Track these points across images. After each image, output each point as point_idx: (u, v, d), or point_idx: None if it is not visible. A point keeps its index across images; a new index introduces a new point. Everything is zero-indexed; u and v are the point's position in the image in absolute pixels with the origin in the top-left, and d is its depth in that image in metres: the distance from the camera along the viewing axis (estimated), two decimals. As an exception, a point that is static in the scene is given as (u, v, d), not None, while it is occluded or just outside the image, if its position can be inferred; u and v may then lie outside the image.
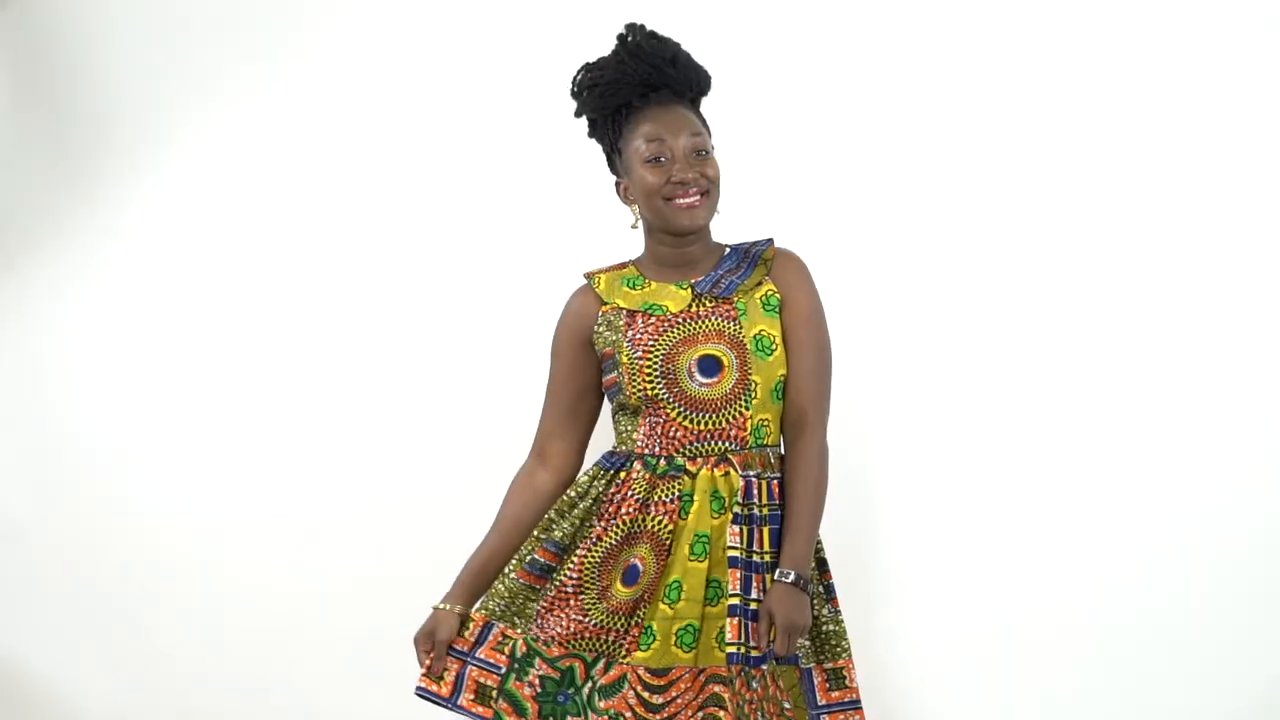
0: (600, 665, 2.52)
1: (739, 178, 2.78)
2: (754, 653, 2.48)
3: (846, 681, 2.58)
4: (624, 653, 2.51)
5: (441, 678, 2.59)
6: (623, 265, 2.72)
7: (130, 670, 3.36)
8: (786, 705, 2.49)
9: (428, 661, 2.58)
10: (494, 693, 2.55)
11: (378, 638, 3.23)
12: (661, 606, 2.50)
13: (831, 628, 2.60)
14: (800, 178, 3.37)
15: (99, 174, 3.47)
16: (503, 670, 2.56)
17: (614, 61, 2.62)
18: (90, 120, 3.50)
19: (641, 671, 2.48)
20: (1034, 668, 3.25)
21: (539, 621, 2.56)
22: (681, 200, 2.59)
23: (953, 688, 3.23)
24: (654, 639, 2.48)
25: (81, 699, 3.34)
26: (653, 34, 2.62)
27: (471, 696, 2.57)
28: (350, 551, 3.36)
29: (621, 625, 2.53)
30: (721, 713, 2.46)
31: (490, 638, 2.59)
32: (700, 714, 2.47)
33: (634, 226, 2.69)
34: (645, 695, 2.47)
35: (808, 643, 2.58)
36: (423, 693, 2.62)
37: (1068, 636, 3.25)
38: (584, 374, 2.69)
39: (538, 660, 2.53)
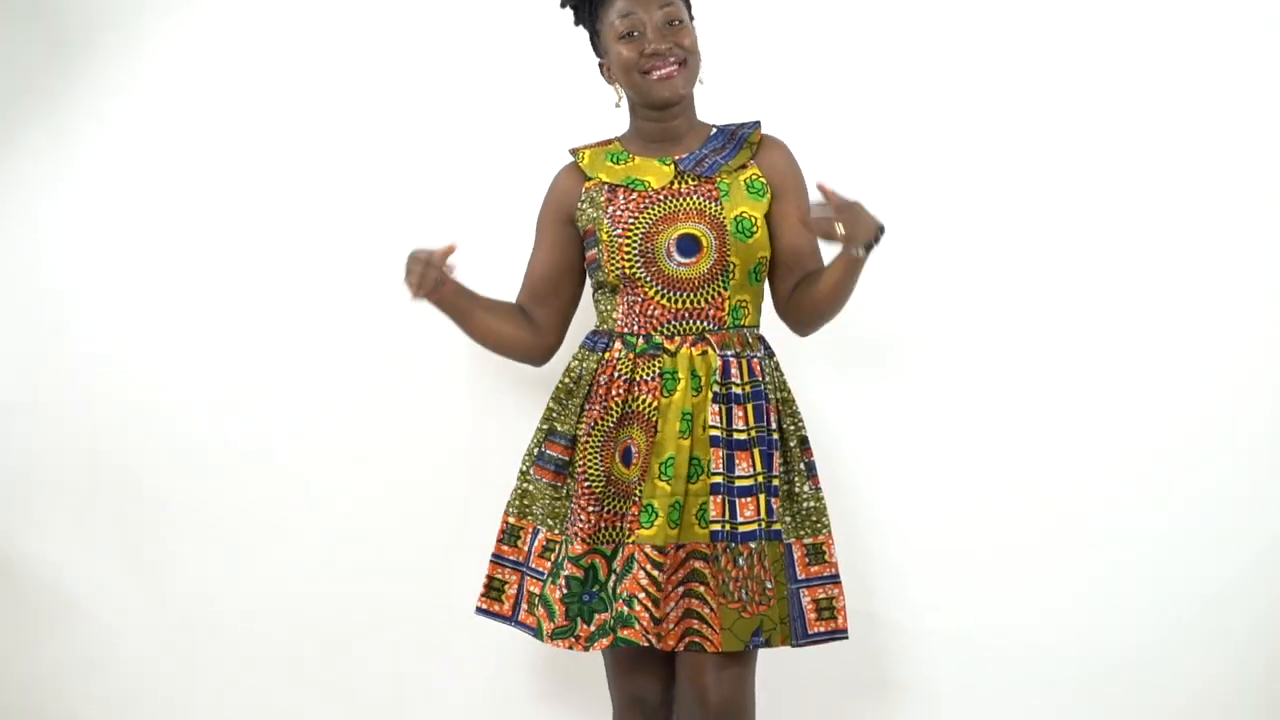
0: (620, 555, 2.55)
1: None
2: (742, 529, 2.52)
3: (826, 556, 2.62)
4: (628, 533, 2.54)
5: (501, 594, 2.64)
6: (607, 141, 2.74)
7: (128, 556, 3.35)
8: (768, 585, 2.53)
9: (417, 276, 2.56)
10: (536, 600, 2.59)
11: (393, 505, 3.30)
12: (660, 484, 2.53)
13: (812, 504, 2.63)
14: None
15: (88, 60, 3.43)
16: (544, 575, 2.59)
17: None
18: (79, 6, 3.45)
19: (649, 549, 2.51)
20: (1017, 549, 3.28)
21: (570, 520, 2.59)
22: (658, 72, 2.60)
23: (934, 566, 3.27)
24: (656, 516, 2.52)
25: (78, 583, 3.34)
26: None
27: (525, 608, 2.62)
28: (359, 422, 3.34)
29: (628, 509, 2.56)
30: (702, 587, 2.50)
31: (537, 544, 2.62)
32: (681, 589, 2.51)
33: (617, 105, 2.70)
34: (654, 574, 2.50)
35: (789, 519, 2.63)
36: (483, 612, 2.66)
37: (1050, 520, 3.27)
38: (566, 252, 2.71)
39: (566, 562, 2.55)
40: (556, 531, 2.60)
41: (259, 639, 3.34)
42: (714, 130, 2.70)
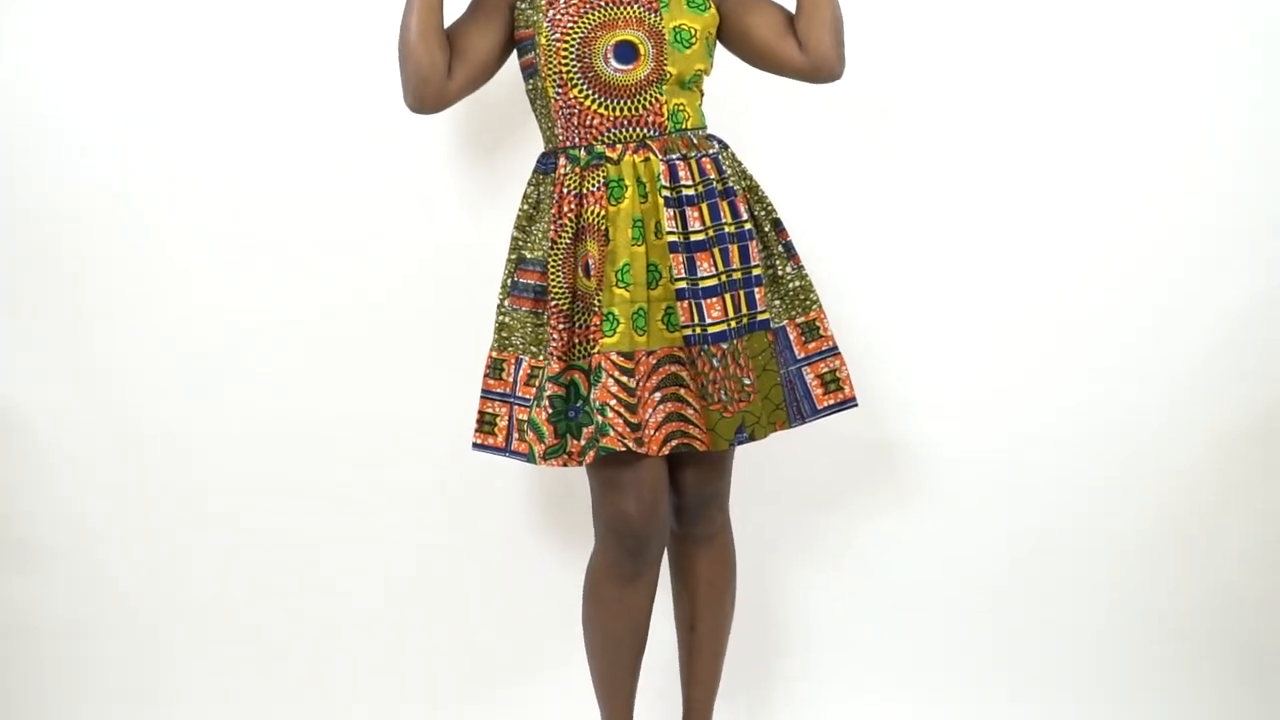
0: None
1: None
2: (712, 330, 2.55)
3: (821, 331, 2.67)
4: (593, 344, 2.56)
5: (494, 427, 2.66)
6: None
7: (74, 372, 3.26)
8: (747, 381, 2.57)
9: None
10: (525, 426, 2.61)
11: (388, 421, 3.29)
12: (618, 291, 2.54)
13: (797, 284, 2.66)
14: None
15: None
16: (531, 401, 2.61)
17: None
18: None
19: (615, 357, 2.53)
20: (1005, 325, 3.31)
21: (549, 345, 2.60)
22: None
23: (920, 342, 3.29)
24: (618, 323, 2.53)
25: (23, 403, 3.27)
26: None
27: (517, 435, 2.64)
28: (359, 333, 3.31)
29: (589, 320, 2.58)
30: (682, 390, 2.54)
31: (522, 373, 2.64)
32: (659, 394, 2.53)
33: None
34: (624, 380, 2.52)
35: (778, 302, 2.65)
36: (480, 447, 2.68)
37: (1045, 303, 3.30)
38: (492, 35, 2.63)
39: (547, 383, 2.57)
40: (540, 358, 2.62)
41: (217, 453, 3.28)
42: None
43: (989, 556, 3.29)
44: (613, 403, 2.51)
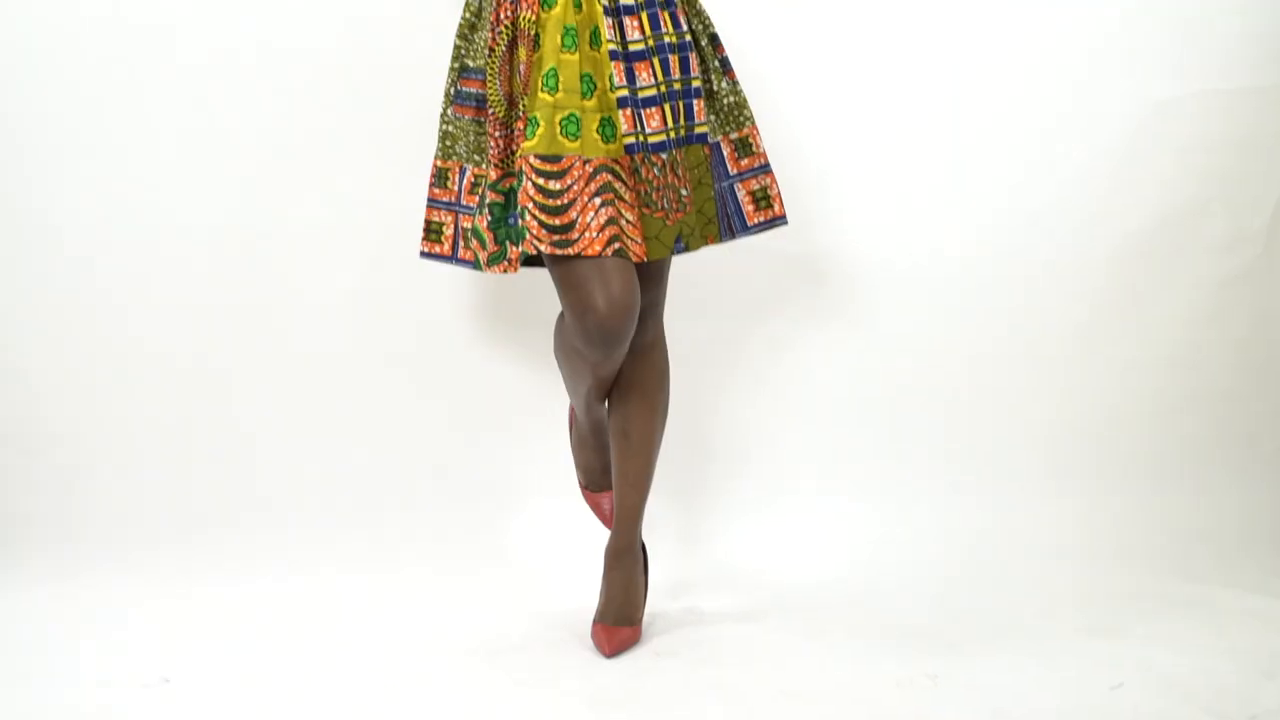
0: None
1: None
2: (652, 139, 2.54)
3: (754, 148, 2.68)
4: (518, 148, 2.56)
5: (440, 235, 2.67)
6: None
7: None
8: (684, 192, 2.59)
9: None
10: (469, 234, 2.63)
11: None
12: (542, 95, 2.53)
13: (732, 99, 2.66)
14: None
15: None
16: (474, 209, 2.63)
17: None
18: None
19: (533, 159, 2.51)
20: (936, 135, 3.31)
21: (488, 153, 2.60)
22: None
23: (854, 161, 3.30)
24: (538, 126, 2.52)
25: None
26: None
27: (462, 244, 2.65)
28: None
29: (522, 126, 2.57)
30: (618, 201, 2.53)
31: (466, 181, 2.65)
32: (599, 199, 2.52)
33: None
34: (541, 182, 2.51)
35: (713, 117, 2.64)
36: (426, 255, 2.70)
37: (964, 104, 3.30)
38: None
39: (487, 190, 2.58)
40: (483, 166, 2.62)
41: (157, 267, 3.23)
42: None
43: (918, 363, 3.34)
44: (530, 205, 2.50)
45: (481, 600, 3.02)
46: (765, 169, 2.68)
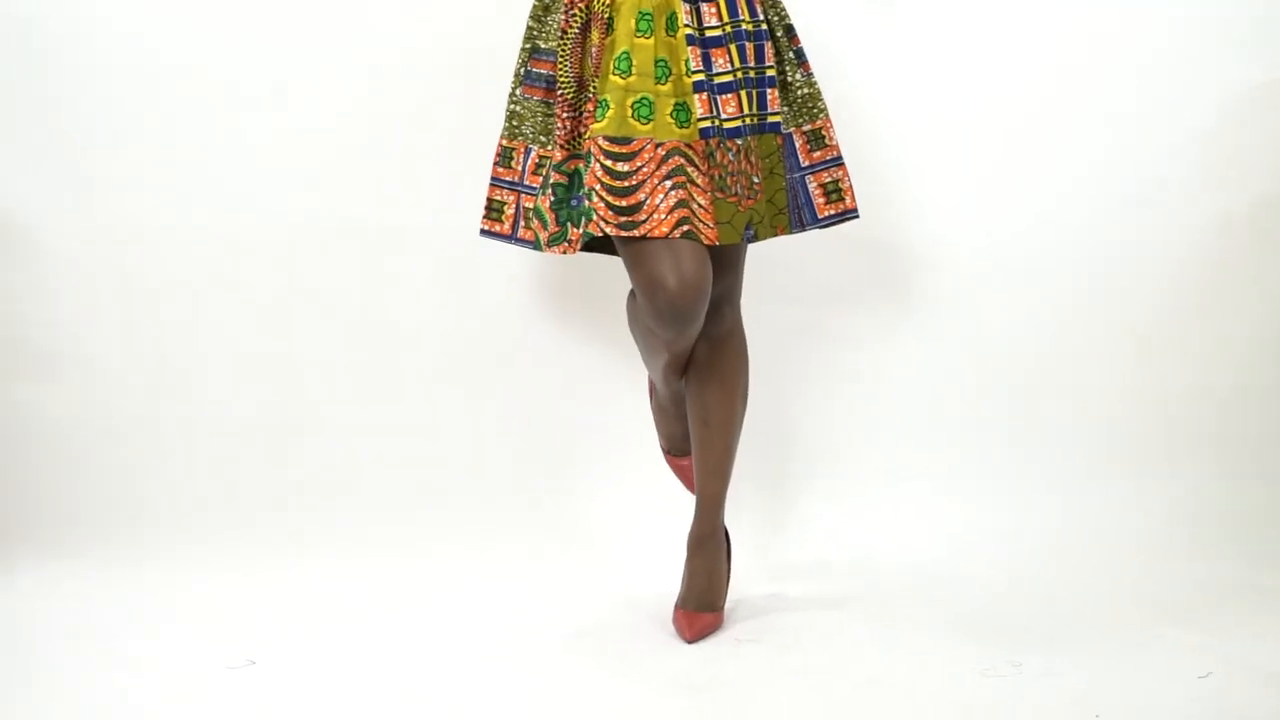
0: None
1: None
2: (727, 125, 2.55)
3: (826, 140, 2.67)
4: (587, 129, 2.57)
5: (501, 214, 2.68)
6: None
7: (73, 179, 3.25)
8: (755, 180, 2.59)
9: None
10: (530, 214, 2.64)
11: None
12: (613, 78, 2.54)
13: (806, 90, 2.66)
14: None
15: None
16: (537, 190, 2.64)
17: None
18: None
19: (602, 141, 2.52)
20: (1012, 142, 3.32)
21: (555, 134, 2.61)
22: None
23: (929, 156, 3.30)
24: (608, 108, 2.53)
25: (22, 209, 3.25)
26: None
27: (523, 223, 2.67)
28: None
29: (591, 108, 2.58)
30: (690, 185, 2.53)
31: (530, 162, 2.66)
32: (669, 182, 2.52)
33: None
34: (610, 164, 2.51)
35: (786, 109, 2.65)
36: (486, 233, 2.71)
37: (1047, 115, 3.30)
38: None
39: (551, 171, 2.59)
40: (549, 147, 2.63)
41: (219, 257, 3.28)
42: None
43: (997, 352, 3.34)
44: (598, 187, 2.51)
45: (563, 584, 3.05)
46: (837, 162, 2.67)
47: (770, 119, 2.60)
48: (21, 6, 3.21)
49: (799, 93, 2.66)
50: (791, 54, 2.66)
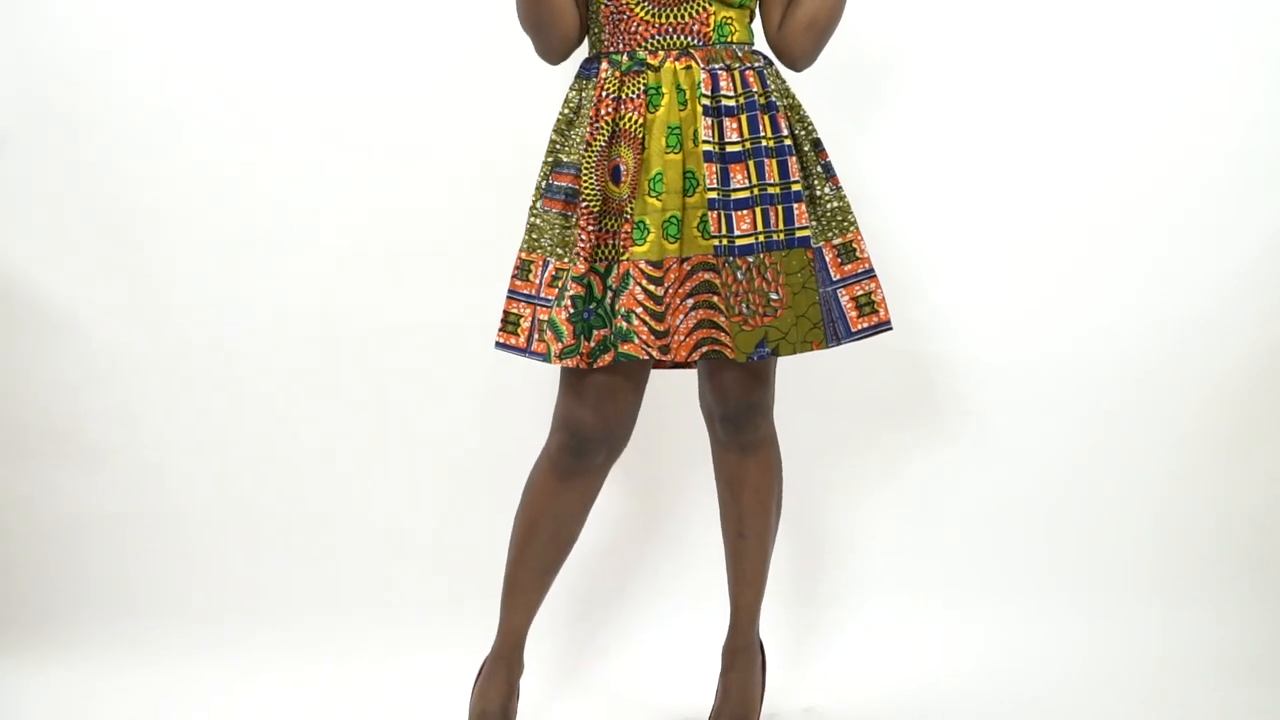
0: (614, 272, 2.58)
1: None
2: (739, 242, 2.56)
3: (858, 254, 2.66)
4: (623, 250, 2.57)
5: (517, 327, 2.67)
6: None
7: (128, 270, 3.40)
8: (774, 296, 2.57)
9: None
10: (545, 326, 2.62)
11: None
12: (649, 200, 2.55)
13: (835, 204, 2.65)
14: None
15: None
16: (552, 302, 2.63)
17: None
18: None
19: (643, 265, 2.54)
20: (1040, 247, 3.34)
21: (575, 246, 2.61)
22: None
23: (954, 264, 3.31)
24: (647, 232, 2.54)
25: (76, 299, 3.40)
26: None
27: (537, 336, 2.65)
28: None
29: (617, 225, 2.59)
30: (715, 297, 2.56)
31: (547, 274, 2.65)
32: (691, 301, 2.55)
33: None
34: (650, 288, 2.54)
35: (815, 223, 2.65)
36: (501, 346, 2.70)
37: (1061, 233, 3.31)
38: None
39: (570, 282, 2.59)
40: (565, 260, 2.63)
41: (260, 355, 3.40)
42: None
43: (1031, 469, 3.33)
44: (639, 310, 2.53)
45: (599, 697, 3.04)
46: (869, 274, 2.66)
47: (799, 234, 2.60)
48: (68, 104, 3.31)
49: (828, 206, 2.65)
50: (819, 168, 2.65)
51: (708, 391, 2.72)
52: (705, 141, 2.56)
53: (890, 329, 2.68)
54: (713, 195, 2.56)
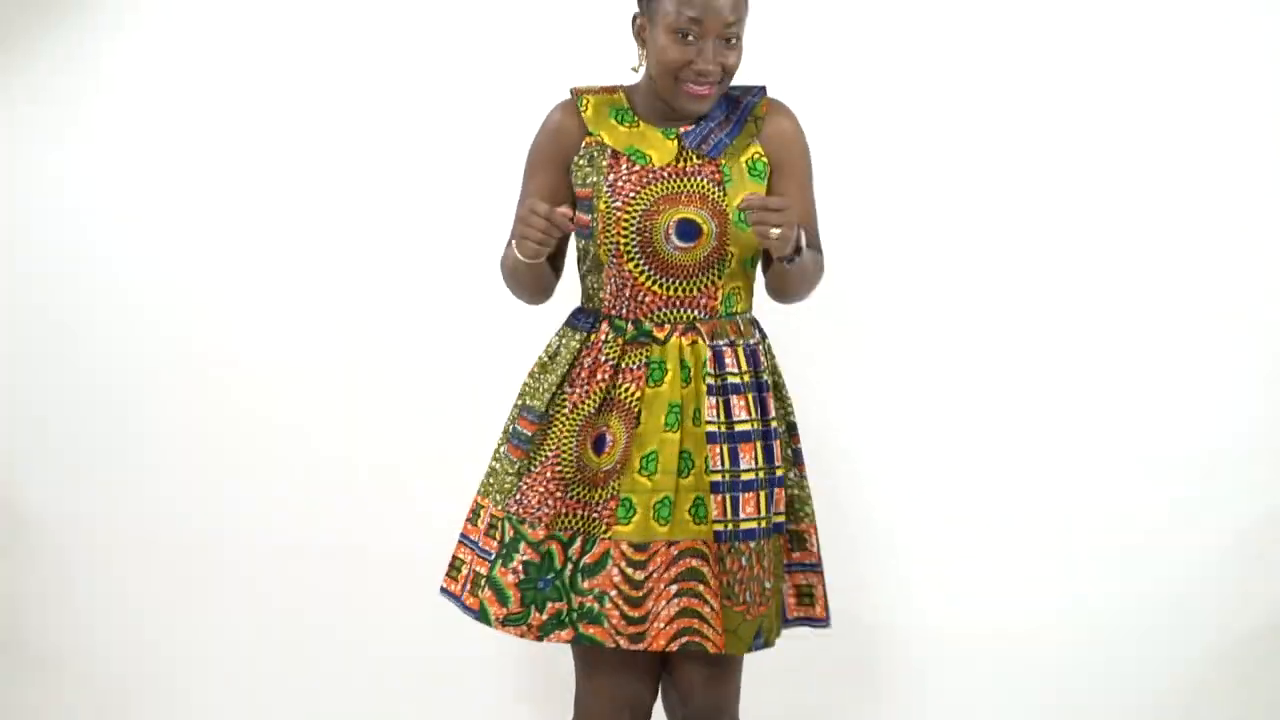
0: (578, 544, 2.47)
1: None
2: (743, 526, 2.46)
3: (807, 544, 2.61)
4: (604, 528, 2.46)
5: (458, 574, 2.55)
6: (613, 90, 2.59)
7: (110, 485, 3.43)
8: (767, 585, 2.49)
9: (540, 235, 2.42)
10: (483, 581, 2.50)
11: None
12: (639, 479, 2.45)
13: (796, 492, 2.61)
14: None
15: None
16: (492, 555, 2.50)
17: None
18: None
19: (625, 546, 2.44)
20: (1006, 544, 3.39)
21: (518, 497, 2.49)
22: (694, 88, 2.46)
23: (921, 561, 3.38)
24: (634, 512, 2.44)
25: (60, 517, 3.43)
26: None
27: (468, 588, 2.53)
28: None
29: (596, 498, 2.48)
30: (701, 586, 2.45)
31: (483, 522, 2.55)
32: (675, 587, 2.44)
33: (635, 70, 2.56)
34: (629, 571, 2.43)
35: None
36: (444, 592, 2.59)
37: (1039, 516, 3.38)
38: (564, 195, 2.56)
39: (523, 544, 2.46)
40: (499, 507, 2.51)
41: (229, 568, 3.41)
42: None
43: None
44: (613, 593, 2.43)
45: None
46: (814, 567, 2.60)
47: (776, 520, 2.52)
48: (44, 308, 3.39)
49: (791, 492, 2.59)
50: (790, 451, 2.59)
51: (673, 689, 2.57)
52: (709, 421, 2.47)
53: (826, 626, 2.62)
54: (717, 478, 2.46)
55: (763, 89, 2.60)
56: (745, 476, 2.47)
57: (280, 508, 3.41)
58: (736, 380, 2.50)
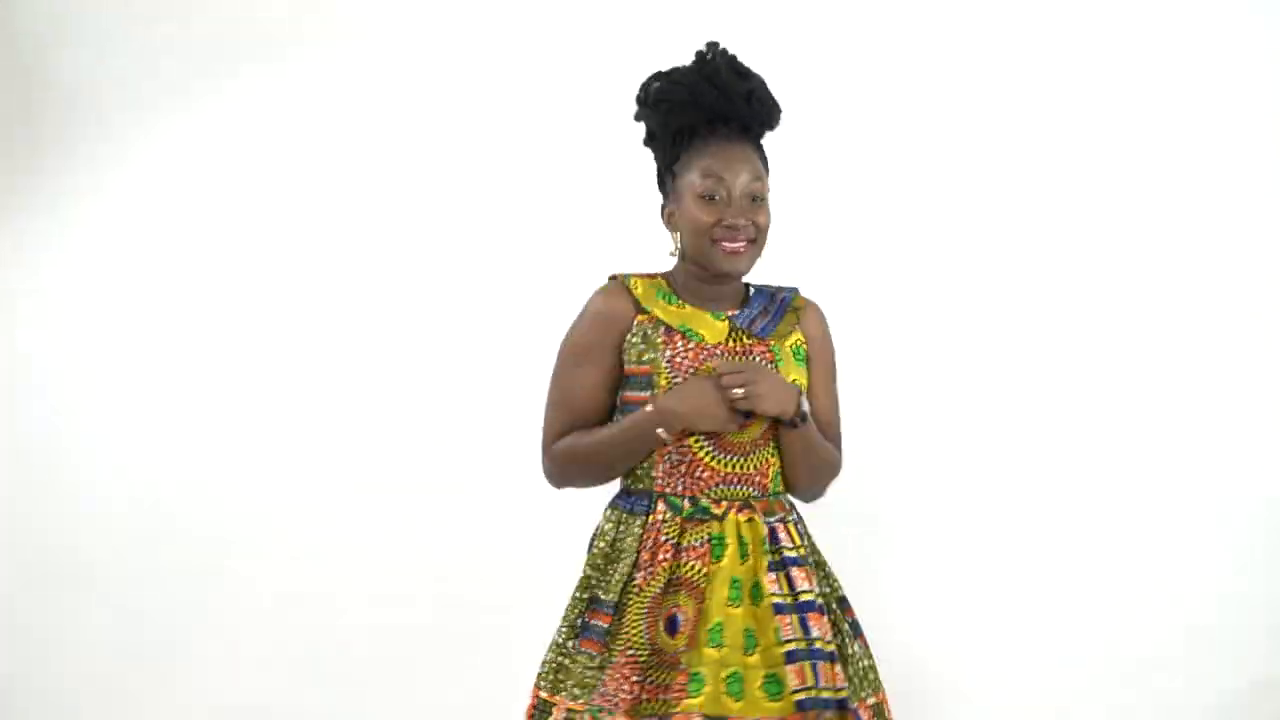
0: None
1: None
2: (823, 694, 2.45)
3: (885, 715, 2.60)
4: (674, 704, 2.43)
5: None
6: (652, 276, 2.63)
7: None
8: None
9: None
10: None
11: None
12: (708, 651, 2.44)
13: (865, 663, 2.61)
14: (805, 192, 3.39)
15: (72, 144, 3.44)
16: None
17: (688, 81, 2.53)
18: (62, 92, 3.46)
19: (696, 718, 2.42)
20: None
21: (601, 689, 2.46)
22: (728, 244, 2.51)
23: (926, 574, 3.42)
24: (703, 684, 2.43)
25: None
26: (734, 62, 2.54)
27: None
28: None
29: (673, 681, 2.45)
30: None
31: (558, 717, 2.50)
32: None
33: (672, 254, 2.60)
34: None
35: (848, 683, 2.58)
36: None
37: (1067, 645, 3.44)
38: (614, 377, 2.56)
39: None
40: (580, 702, 2.48)
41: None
42: (751, 289, 2.65)
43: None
44: None
45: None
46: None
47: (841, 694, 2.50)
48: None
49: (860, 664, 2.58)
50: (847, 625, 2.59)
51: None
52: (773, 594, 2.48)
53: None
54: (792, 647, 2.45)
55: (795, 289, 2.68)
56: (818, 645, 2.47)
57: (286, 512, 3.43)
58: (794, 554, 2.53)
